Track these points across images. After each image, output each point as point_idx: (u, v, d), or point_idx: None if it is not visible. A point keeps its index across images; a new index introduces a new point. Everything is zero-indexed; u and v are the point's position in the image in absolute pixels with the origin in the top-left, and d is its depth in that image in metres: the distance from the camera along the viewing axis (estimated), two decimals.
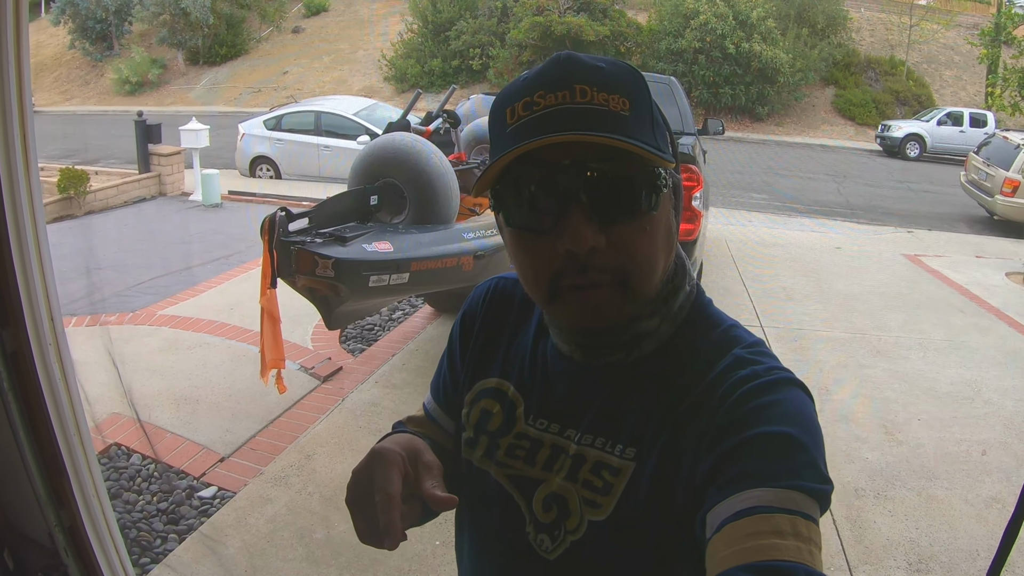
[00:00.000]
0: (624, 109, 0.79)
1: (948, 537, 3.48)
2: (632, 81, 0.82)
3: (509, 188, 0.83)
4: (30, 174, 1.48)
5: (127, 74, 30.90)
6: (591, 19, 25.74)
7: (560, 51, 0.83)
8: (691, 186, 4.91)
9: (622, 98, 0.79)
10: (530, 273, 0.85)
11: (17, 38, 1.38)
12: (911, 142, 21.78)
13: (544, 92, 0.79)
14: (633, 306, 0.84)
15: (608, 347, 0.90)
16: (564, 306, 0.84)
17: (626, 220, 0.80)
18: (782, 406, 0.78)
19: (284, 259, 3.48)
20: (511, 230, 0.85)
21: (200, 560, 3.16)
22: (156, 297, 6.39)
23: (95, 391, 4.49)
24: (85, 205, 10.02)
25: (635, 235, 0.81)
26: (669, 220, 0.86)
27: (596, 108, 0.78)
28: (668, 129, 0.88)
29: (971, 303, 7.26)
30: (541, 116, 0.78)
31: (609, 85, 0.79)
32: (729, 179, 15.18)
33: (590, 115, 0.77)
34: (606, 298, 0.82)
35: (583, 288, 0.81)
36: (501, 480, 0.96)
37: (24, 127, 1.45)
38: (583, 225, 0.78)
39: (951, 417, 4.72)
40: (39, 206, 1.51)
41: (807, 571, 0.67)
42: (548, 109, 0.78)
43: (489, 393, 1.02)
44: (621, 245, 0.80)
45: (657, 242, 0.83)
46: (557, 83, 0.79)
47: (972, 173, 13.13)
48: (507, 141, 0.81)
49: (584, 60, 0.81)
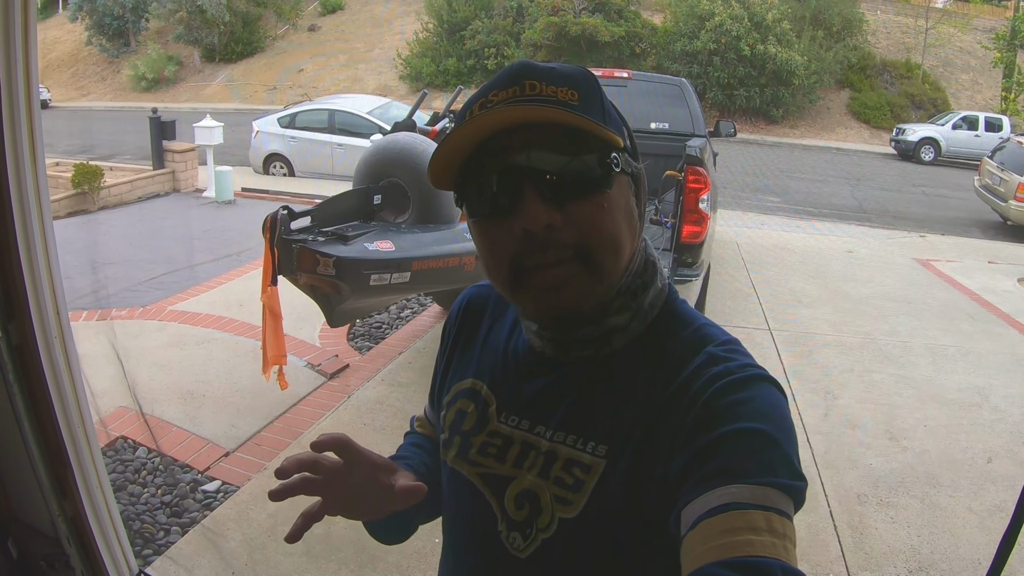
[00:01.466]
0: (572, 99, 0.82)
1: (950, 545, 3.47)
2: (583, 79, 0.85)
3: (468, 180, 0.85)
4: (37, 169, 1.51)
5: (143, 71, 31.10)
6: (606, 20, 25.73)
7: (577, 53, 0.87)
8: (698, 188, 4.89)
9: (571, 90, 0.82)
10: (492, 260, 0.86)
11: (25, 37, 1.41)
12: (926, 146, 21.64)
13: (496, 91, 0.83)
14: (600, 286, 0.85)
15: (579, 342, 0.91)
16: (529, 291, 0.85)
17: (580, 197, 0.82)
18: (755, 403, 0.78)
19: (285, 257, 3.50)
20: (473, 221, 0.87)
21: (201, 553, 3.19)
22: (166, 293, 6.44)
23: (103, 384, 4.53)
24: (99, 200, 10.09)
25: (592, 211, 0.82)
26: (628, 203, 0.87)
27: (544, 97, 0.81)
28: (625, 124, 0.90)
29: (982, 309, 7.22)
30: (493, 109, 0.81)
31: (558, 80, 0.83)
32: (742, 181, 15.14)
33: (539, 103, 0.81)
34: (572, 275, 0.83)
35: (545, 267, 0.82)
36: (473, 479, 0.97)
37: (31, 123, 1.48)
38: (536, 203, 0.80)
39: (957, 424, 4.69)
40: (46, 201, 1.54)
41: (782, 567, 0.67)
42: (499, 104, 0.82)
43: (464, 394, 1.03)
44: (579, 221, 0.81)
45: (617, 219, 0.84)
46: (508, 82, 0.83)
47: (986, 178, 13.04)
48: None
49: (536, 64, 0.85)
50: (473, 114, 0.83)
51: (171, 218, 10.15)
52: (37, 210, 1.52)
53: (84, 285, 6.65)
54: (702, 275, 5.28)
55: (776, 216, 12.16)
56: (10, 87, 1.40)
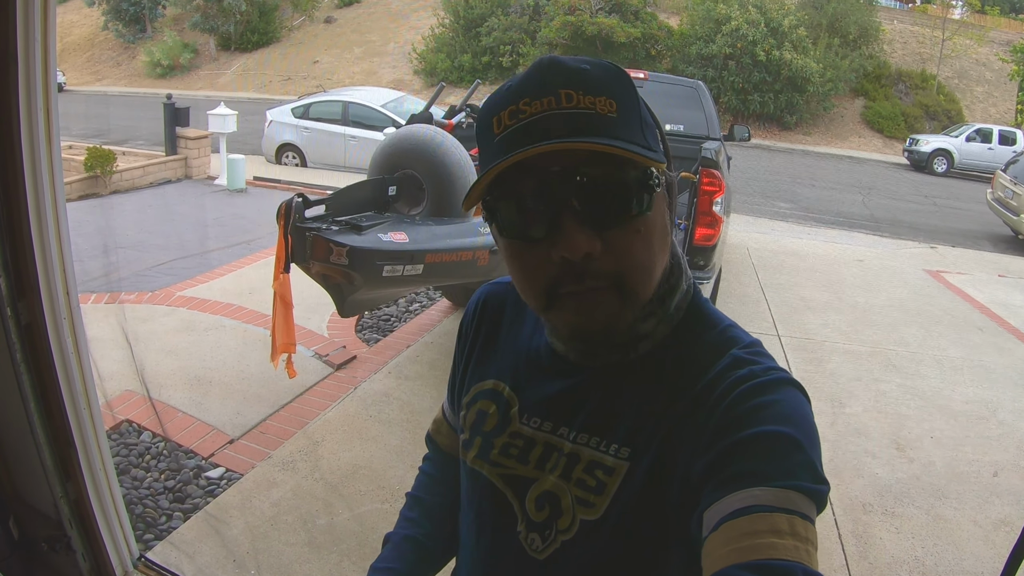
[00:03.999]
0: (611, 111, 0.78)
1: (954, 557, 3.44)
2: (618, 82, 0.81)
3: (500, 199, 0.82)
4: (52, 152, 1.51)
5: (159, 57, 31.23)
6: (623, 21, 25.73)
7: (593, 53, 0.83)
8: (713, 191, 4.86)
9: (609, 100, 0.78)
10: (526, 283, 0.84)
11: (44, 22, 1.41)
12: (939, 157, 21.58)
13: (529, 99, 0.78)
14: (632, 311, 0.84)
15: (605, 349, 0.90)
16: (562, 313, 0.83)
17: (619, 224, 0.79)
18: (780, 406, 0.78)
19: (299, 245, 3.49)
20: (505, 240, 0.84)
21: (203, 539, 3.18)
22: (175, 278, 6.45)
23: (110, 367, 4.54)
24: (111, 185, 10.13)
25: (629, 238, 0.80)
26: (664, 220, 0.85)
27: (583, 112, 0.77)
28: (659, 128, 0.87)
29: (991, 322, 7.17)
30: (527, 124, 0.77)
31: (595, 88, 0.78)
32: (754, 187, 15.11)
33: (577, 119, 0.77)
34: (604, 301, 0.81)
35: (580, 294, 0.81)
36: (494, 479, 0.96)
37: (48, 106, 1.47)
38: (576, 231, 0.77)
39: (964, 436, 4.67)
40: (59, 183, 1.54)
41: (804, 570, 0.67)
42: (534, 116, 0.77)
43: (485, 394, 1.03)
44: (616, 249, 0.79)
45: (652, 243, 0.82)
46: (541, 89, 0.78)
47: (999, 191, 12.97)
48: (495, 151, 0.80)
49: (568, 64, 0.80)
50: (502, 122, 0.79)
51: (182, 204, 10.17)
52: (51, 191, 1.51)
53: (94, 268, 6.67)
54: (714, 278, 5.26)
55: (787, 223, 12.12)
56: (28, 71, 1.40)
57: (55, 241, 1.54)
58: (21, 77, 1.39)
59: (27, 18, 1.36)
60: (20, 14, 1.34)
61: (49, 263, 1.53)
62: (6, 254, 1.46)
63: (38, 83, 1.43)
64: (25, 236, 1.48)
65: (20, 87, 1.39)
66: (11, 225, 1.46)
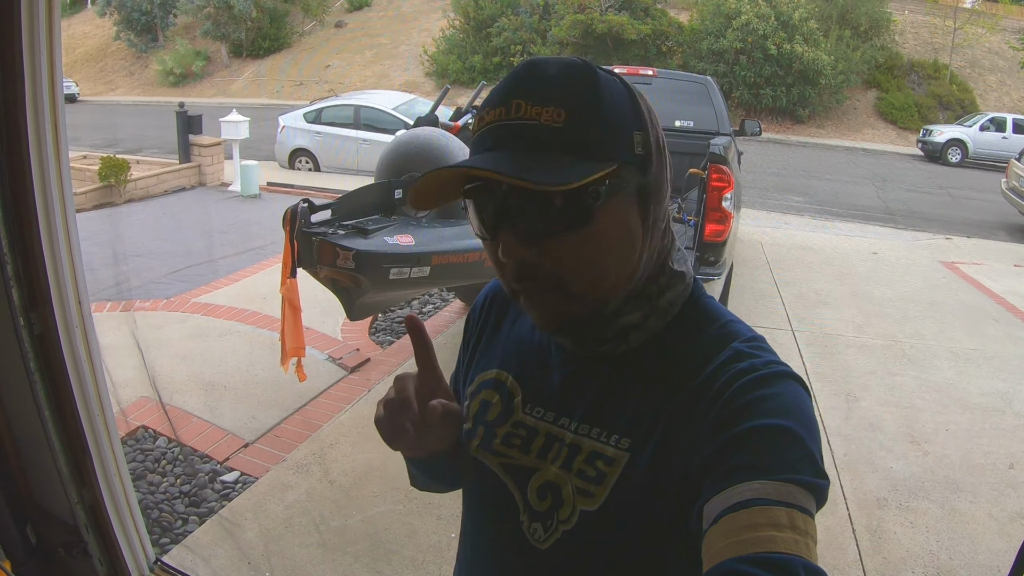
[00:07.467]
0: (557, 121, 0.77)
1: (969, 551, 3.43)
2: (575, 87, 0.80)
3: (466, 197, 0.85)
4: (60, 162, 1.54)
5: (171, 65, 31.43)
6: (632, 18, 25.65)
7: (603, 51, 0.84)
8: (722, 187, 4.85)
9: (557, 109, 0.78)
10: (496, 274, 0.89)
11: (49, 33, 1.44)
12: (953, 147, 21.35)
13: (490, 108, 0.81)
14: (583, 307, 0.85)
15: (593, 340, 0.91)
16: (526, 306, 0.88)
17: (553, 236, 0.81)
18: (780, 399, 0.78)
19: (305, 249, 3.53)
20: None
21: (218, 543, 3.22)
22: (190, 285, 6.50)
23: (125, 375, 4.59)
24: (125, 193, 10.20)
25: (567, 246, 0.81)
26: (626, 221, 0.84)
27: (526, 124, 0.78)
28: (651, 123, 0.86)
29: (1007, 312, 7.12)
30: (482, 133, 0.82)
31: (545, 97, 0.78)
32: (768, 181, 15.04)
33: (519, 132, 0.79)
34: (549, 300, 0.84)
35: (528, 292, 0.85)
36: (496, 468, 0.97)
37: (55, 117, 1.50)
38: (510, 239, 0.81)
39: (980, 429, 4.64)
40: (69, 194, 1.57)
41: (804, 564, 0.67)
42: (489, 125, 0.81)
43: (489, 384, 1.03)
44: (554, 255, 0.81)
45: (601, 248, 0.82)
46: (502, 96, 0.81)
47: (1013, 180, 12.84)
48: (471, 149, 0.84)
49: (536, 68, 0.81)
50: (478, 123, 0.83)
51: (196, 212, 10.24)
52: (60, 203, 1.54)
53: (109, 277, 6.73)
54: (724, 274, 5.25)
55: (801, 216, 12.07)
56: (34, 83, 1.43)
57: (66, 252, 1.57)
58: (28, 93, 1.41)
59: (32, 36, 1.39)
60: (25, 32, 1.37)
61: (60, 274, 1.56)
62: (18, 266, 1.49)
63: (45, 97, 1.45)
64: (36, 249, 1.51)
65: (27, 102, 1.42)
66: (23, 238, 1.48)
